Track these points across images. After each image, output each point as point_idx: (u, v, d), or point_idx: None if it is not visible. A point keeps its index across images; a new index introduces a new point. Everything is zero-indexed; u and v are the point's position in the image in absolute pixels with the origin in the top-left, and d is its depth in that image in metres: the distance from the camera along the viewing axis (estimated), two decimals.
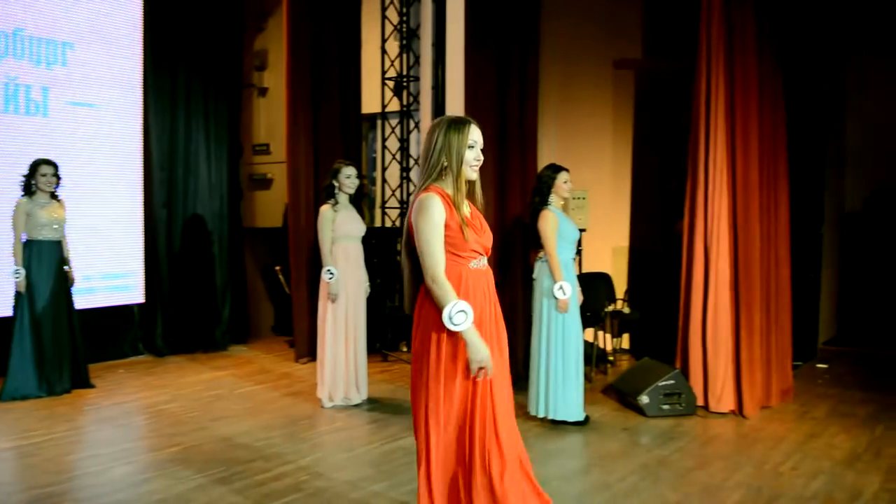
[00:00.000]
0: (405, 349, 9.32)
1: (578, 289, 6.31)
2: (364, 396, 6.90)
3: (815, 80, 8.90)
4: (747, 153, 6.63)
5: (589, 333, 7.96)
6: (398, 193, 9.77)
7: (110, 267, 8.62)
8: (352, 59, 9.39)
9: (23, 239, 7.07)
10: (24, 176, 7.11)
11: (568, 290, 6.01)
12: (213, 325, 9.45)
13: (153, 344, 9.05)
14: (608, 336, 8.69)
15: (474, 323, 3.29)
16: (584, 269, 8.50)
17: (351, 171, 6.76)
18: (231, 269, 9.76)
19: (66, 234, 7.33)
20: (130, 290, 8.87)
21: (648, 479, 5.01)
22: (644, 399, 6.47)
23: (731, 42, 6.64)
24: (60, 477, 4.99)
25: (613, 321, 8.77)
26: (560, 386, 6.13)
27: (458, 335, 3.28)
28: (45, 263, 7.12)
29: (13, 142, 7.76)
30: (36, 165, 7.10)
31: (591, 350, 7.86)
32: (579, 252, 7.94)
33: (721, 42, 6.61)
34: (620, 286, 8.98)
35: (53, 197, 7.20)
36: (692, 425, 6.28)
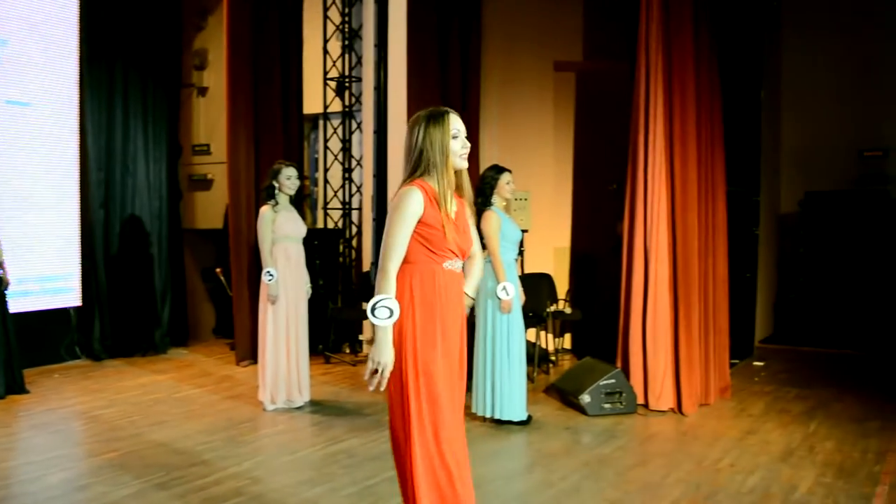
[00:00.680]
0: (347, 351, 9.28)
1: (521, 289, 6.35)
2: (306, 399, 6.85)
3: (753, 82, 9.10)
4: (685, 155, 6.73)
5: (531, 334, 8.01)
6: (340, 194, 9.73)
7: (46, 269, 8.43)
8: (293, 59, 9.32)
9: None
10: None
11: (511, 291, 6.03)
12: (152, 327, 9.30)
13: (90, 347, 8.88)
14: (550, 336, 8.75)
15: (441, 324, 3.26)
16: (526, 269, 8.55)
17: (291, 171, 6.71)
18: (170, 271, 9.63)
19: None
20: (67, 293, 8.68)
21: (590, 478, 5.05)
22: (585, 398, 6.53)
23: (669, 44, 6.73)
24: None
25: (555, 321, 8.84)
26: (503, 386, 6.16)
27: (438, 333, 3.25)
28: None
29: None
30: None
31: (533, 350, 7.91)
32: (521, 253, 7.99)
33: (660, 44, 6.69)
34: (562, 287, 9.06)
35: None
36: (633, 423, 6.35)
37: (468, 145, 3.35)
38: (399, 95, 8.53)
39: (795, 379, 8.09)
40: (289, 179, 6.67)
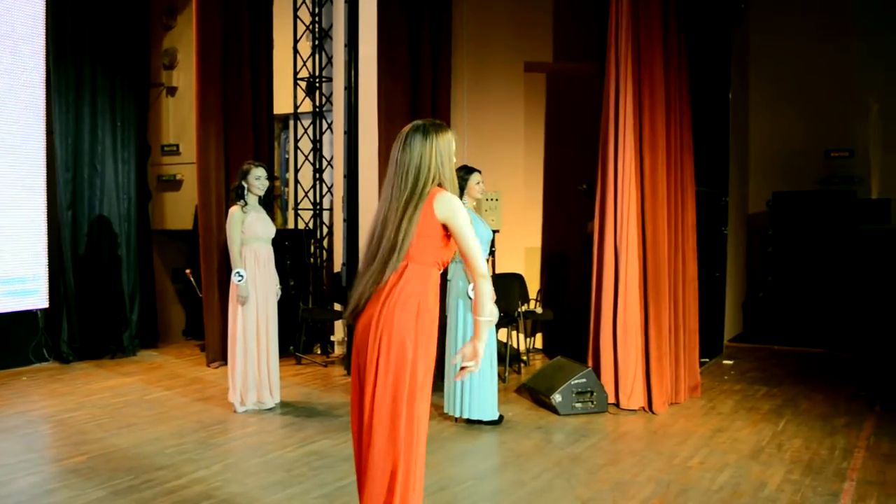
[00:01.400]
0: (319, 352, 9.24)
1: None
2: (277, 400, 6.82)
3: (721, 84, 9.18)
4: (655, 155, 6.78)
5: (503, 333, 8.03)
6: (311, 195, 9.69)
7: (13, 271, 8.30)
8: (263, 59, 9.26)
9: None
10: None
11: None
12: (121, 329, 9.20)
13: (58, 350, 8.77)
14: (522, 336, 8.77)
15: (430, 327, 3.32)
16: (497, 269, 8.57)
17: (261, 172, 6.67)
18: (139, 272, 9.53)
19: None
20: (34, 295, 8.56)
21: (562, 477, 5.07)
22: (557, 397, 6.55)
23: (638, 46, 6.77)
24: None
25: (527, 321, 8.86)
26: (475, 386, 6.16)
27: (429, 343, 3.31)
28: None
29: None
30: None
31: (505, 350, 7.93)
32: (493, 253, 8.01)
33: (629, 46, 6.73)
34: (533, 287, 9.08)
35: None
36: (604, 422, 6.38)
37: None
38: (370, 95, 8.50)
39: (764, 377, 8.17)
40: (258, 180, 6.64)
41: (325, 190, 9.66)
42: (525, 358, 8.72)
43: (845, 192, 10.16)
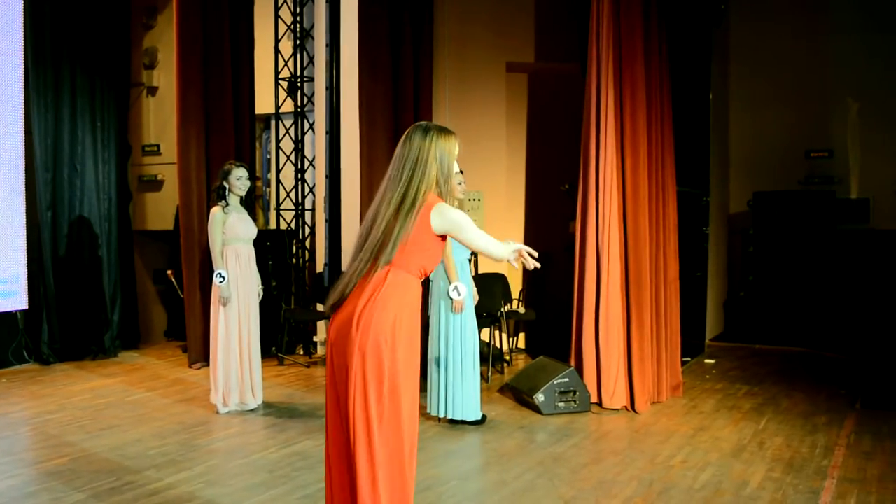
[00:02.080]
0: (301, 353, 9.22)
1: (474, 289, 6.37)
2: (259, 401, 6.80)
3: (702, 84, 9.23)
4: (636, 155, 6.80)
5: (485, 333, 8.03)
6: (293, 195, 9.67)
7: None
8: (245, 59, 9.23)
9: None
10: None
11: (463, 291, 6.04)
12: (102, 330, 9.14)
13: (39, 351, 8.71)
14: (504, 336, 8.78)
15: (411, 334, 3.28)
16: (480, 270, 8.58)
17: (242, 172, 6.65)
18: (120, 273, 9.47)
19: None
20: (14, 296, 8.48)
21: (545, 476, 5.08)
22: (540, 397, 6.56)
23: (620, 46, 6.79)
24: None
25: (510, 321, 8.87)
26: (458, 386, 6.17)
27: (413, 339, 3.28)
28: None
29: None
30: None
31: (487, 350, 7.93)
32: (475, 253, 8.00)
33: (610, 46, 6.75)
34: (516, 286, 9.09)
35: None
36: (586, 422, 6.40)
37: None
38: (351, 95, 8.50)
39: (745, 376, 8.21)
40: (239, 180, 6.61)
41: (307, 190, 9.64)
42: (508, 358, 8.73)
43: (825, 192, 10.23)
